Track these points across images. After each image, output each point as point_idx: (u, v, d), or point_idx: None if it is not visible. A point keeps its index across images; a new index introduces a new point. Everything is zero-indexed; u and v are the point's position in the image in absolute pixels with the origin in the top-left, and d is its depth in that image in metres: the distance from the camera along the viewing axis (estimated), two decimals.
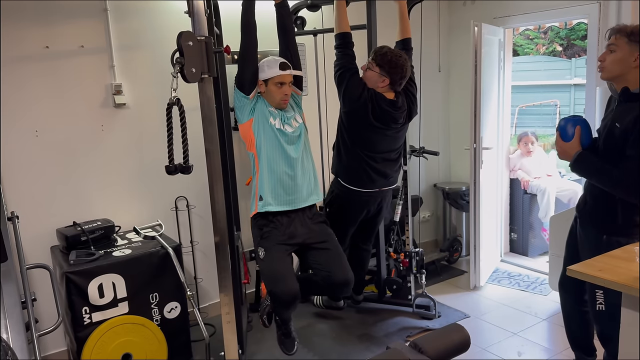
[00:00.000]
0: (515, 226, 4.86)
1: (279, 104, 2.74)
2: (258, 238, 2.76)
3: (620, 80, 2.26)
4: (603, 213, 2.36)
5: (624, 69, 2.23)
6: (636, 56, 2.20)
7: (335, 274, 2.73)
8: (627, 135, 2.18)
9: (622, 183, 2.21)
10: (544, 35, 12.45)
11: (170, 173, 2.02)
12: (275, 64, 2.71)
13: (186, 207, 3.61)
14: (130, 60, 3.34)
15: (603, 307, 2.41)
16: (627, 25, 2.28)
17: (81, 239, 2.99)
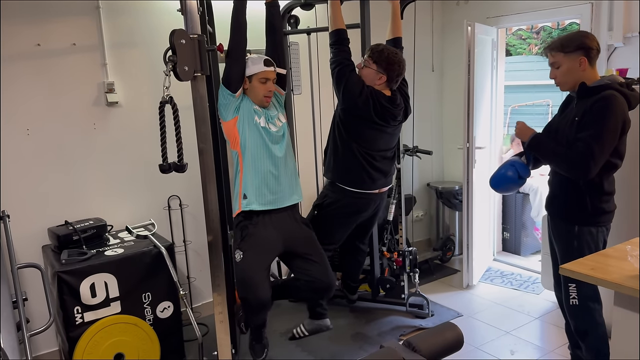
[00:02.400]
0: (508, 225, 4.88)
1: (261, 101, 2.71)
2: (238, 239, 2.72)
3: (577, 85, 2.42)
4: (572, 204, 2.46)
5: (576, 77, 2.39)
6: (579, 61, 2.36)
7: (318, 281, 2.77)
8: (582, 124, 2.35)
9: (571, 161, 2.33)
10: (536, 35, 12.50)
11: (164, 172, 2.01)
12: (260, 60, 2.70)
13: (179, 206, 3.60)
14: (123, 59, 3.32)
15: (577, 301, 2.47)
16: (553, 41, 2.44)
17: (73, 238, 2.97)
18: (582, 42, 2.35)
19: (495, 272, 4.50)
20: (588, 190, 2.40)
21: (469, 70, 3.92)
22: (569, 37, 2.41)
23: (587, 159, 2.28)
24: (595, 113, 2.28)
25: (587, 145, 2.27)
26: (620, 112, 2.29)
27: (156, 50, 3.13)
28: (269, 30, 2.81)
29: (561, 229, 2.53)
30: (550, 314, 3.68)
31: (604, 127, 2.27)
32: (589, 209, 2.42)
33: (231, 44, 2.64)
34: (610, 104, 2.27)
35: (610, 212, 2.49)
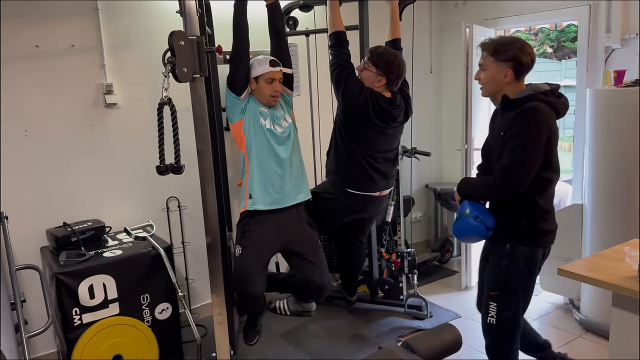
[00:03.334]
0: None
1: (268, 101, 2.76)
2: (239, 235, 2.80)
3: (499, 95, 2.29)
4: (506, 222, 2.30)
5: (498, 87, 2.27)
6: (505, 73, 2.22)
7: (314, 280, 2.82)
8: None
9: (496, 187, 2.20)
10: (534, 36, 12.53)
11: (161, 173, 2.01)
12: (265, 61, 2.74)
13: (177, 207, 3.60)
14: (121, 60, 3.32)
15: (494, 320, 2.35)
16: (491, 41, 2.28)
17: (71, 239, 2.97)
18: (515, 54, 2.20)
19: None
20: (522, 207, 2.25)
21: (467, 72, 3.93)
22: (505, 44, 2.24)
23: (509, 176, 2.15)
24: (517, 126, 2.15)
25: (507, 163, 2.15)
26: (543, 123, 2.14)
27: (155, 51, 3.14)
28: (272, 31, 2.85)
29: (497, 247, 2.36)
30: (549, 315, 3.69)
31: (525, 140, 2.13)
32: (524, 228, 2.26)
33: (234, 48, 2.67)
34: (532, 116, 2.14)
35: (548, 233, 2.32)
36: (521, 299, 2.33)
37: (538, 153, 2.14)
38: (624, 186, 3.11)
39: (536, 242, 2.29)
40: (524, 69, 2.24)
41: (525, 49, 2.22)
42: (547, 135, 2.14)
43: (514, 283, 2.30)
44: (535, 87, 2.25)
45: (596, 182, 3.27)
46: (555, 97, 2.23)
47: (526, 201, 2.23)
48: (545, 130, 2.14)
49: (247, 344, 3.01)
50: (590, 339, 3.31)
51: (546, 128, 2.14)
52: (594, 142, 3.26)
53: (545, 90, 2.23)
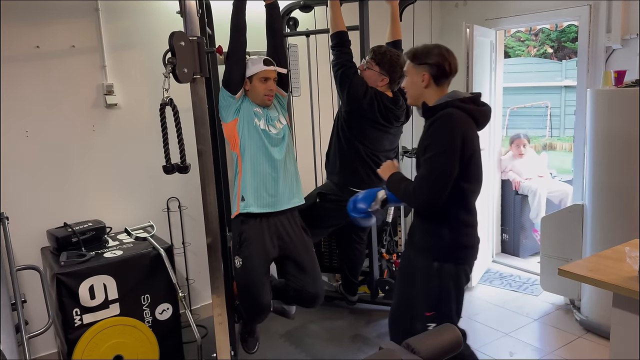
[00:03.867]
0: (507, 227, 4.88)
1: (263, 101, 2.73)
2: (237, 245, 2.76)
3: (420, 102, 2.21)
4: (424, 235, 2.23)
5: (417, 92, 2.19)
6: (422, 77, 2.14)
7: (308, 289, 2.81)
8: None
9: (413, 196, 2.10)
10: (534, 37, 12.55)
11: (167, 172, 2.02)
12: (259, 60, 2.73)
13: (178, 208, 3.60)
14: (122, 61, 3.32)
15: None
16: (412, 49, 2.24)
17: (72, 240, 2.97)
18: (433, 58, 2.13)
19: (494, 273, 4.50)
20: (448, 225, 2.16)
21: (468, 72, 3.93)
22: (424, 49, 2.18)
23: (424, 187, 2.06)
24: (430, 136, 2.08)
25: (422, 174, 2.08)
26: (455, 131, 2.04)
27: (155, 52, 3.13)
28: (269, 31, 2.83)
29: (421, 264, 2.25)
30: (549, 315, 3.69)
31: (438, 151, 2.04)
32: (447, 243, 2.16)
33: (231, 46, 2.66)
34: (444, 124, 2.05)
35: (469, 248, 2.22)
36: (453, 317, 2.23)
37: (452, 163, 2.03)
38: (624, 186, 3.11)
39: (460, 258, 2.19)
40: (443, 74, 2.13)
41: (444, 54, 2.15)
42: (461, 143, 2.03)
43: (448, 301, 2.20)
44: (454, 94, 2.15)
45: (596, 183, 3.27)
46: (475, 105, 2.14)
47: (448, 215, 2.14)
48: (459, 138, 2.03)
49: (248, 352, 2.99)
50: (590, 340, 3.31)
51: (459, 136, 2.03)
52: (594, 142, 3.26)
53: (463, 98, 2.13)
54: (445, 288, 2.18)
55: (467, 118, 2.08)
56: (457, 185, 2.07)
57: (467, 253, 2.21)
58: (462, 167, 2.06)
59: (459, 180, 2.07)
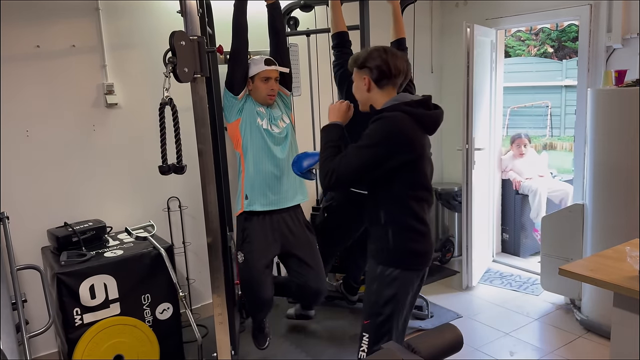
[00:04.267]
0: (507, 226, 4.88)
1: (265, 100, 2.78)
2: (240, 241, 2.83)
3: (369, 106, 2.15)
4: (375, 239, 2.15)
5: (363, 97, 2.14)
6: (364, 80, 2.10)
7: (310, 284, 2.84)
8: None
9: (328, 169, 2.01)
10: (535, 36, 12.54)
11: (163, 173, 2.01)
12: (261, 60, 2.77)
13: (178, 207, 3.60)
14: (122, 60, 3.32)
15: (365, 355, 2.16)
16: (354, 54, 2.19)
17: (72, 239, 2.97)
18: (371, 61, 2.06)
19: (494, 273, 4.50)
20: (390, 226, 2.08)
21: (468, 72, 3.93)
22: (364, 52, 2.11)
23: (337, 167, 1.99)
24: (368, 129, 2.01)
25: (344, 154, 2.01)
26: (391, 132, 1.97)
27: (156, 51, 3.13)
28: (271, 31, 2.85)
29: (370, 266, 2.19)
30: (550, 315, 3.68)
31: (366, 143, 1.97)
32: (391, 248, 2.08)
33: (233, 47, 2.68)
34: (383, 124, 1.98)
35: (420, 255, 2.12)
36: (394, 329, 2.13)
37: (373, 160, 1.96)
38: (625, 186, 3.11)
39: (406, 264, 2.10)
40: (384, 76, 2.06)
41: (383, 56, 2.06)
42: (395, 147, 1.96)
43: (384, 310, 2.10)
44: (401, 97, 2.08)
45: (597, 182, 3.27)
46: (425, 109, 2.08)
47: (392, 220, 2.08)
48: (394, 142, 1.96)
49: (259, 348, 3.06)
50: (591, 339, 3.31)
51: (394, 140, 1.96)
52: (594, 142, 3.26)
53: (411, 101, 2.05)
54: (388, 293, 2.09)
55: (411, 122, 2.01)
56: (399, 190, 2.03)
57: (414, 259, 2.11)
58: (401, 172, 2.01)
59: (399, 184, 2.03)
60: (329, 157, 2.05)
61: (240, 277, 2.86)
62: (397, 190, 2.04)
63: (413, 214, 2.07)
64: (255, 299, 2.80)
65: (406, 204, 2.06)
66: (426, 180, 2.11)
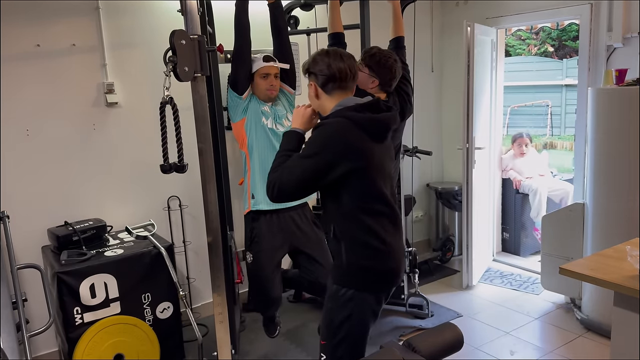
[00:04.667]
0: (508, 226, 4.88)
1: (266, 95, 2.81)
2: (248, 241, 2.87)
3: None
4: (335, 260, 2.03)
5: (315, 104, 2.03)
6: (311, 87, 2.00)
7: (320, 281, 2.86)
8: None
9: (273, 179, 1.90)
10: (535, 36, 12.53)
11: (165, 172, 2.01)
12: (260, 57, 2.81)
13: (179, 206, 3.60)
14: (123, 59, 3.32)
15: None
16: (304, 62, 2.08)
17: (73, 238, 2.97)
18: (315, 66, 1.95)
19: (494, 272, 4.50)
20: (345, 246, 1.94)
21: (469, 71, 3.92)
22: (310, 58, 2.00)
23: (281, 176, 1.87)
24: (308, 139, 1.92)
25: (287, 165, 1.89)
26: (329, 140, 1.85)
27: (156, 50, 3.13)
28: (274, 30, 2.88)
29: (328, 281, 2.07)
30: (550, 314, 3.68)
31: (305, 153, 1.87)
32: (344, 266, 1.94)
33: (235, 46, 2.70)
34: (319, 133, 1.87)
35: (379, 274, 1.96)
36: (351, 353, 1.99)
37: (314, 169, 1.83)
38: (625, 185, 3.11)
39: (361, 284, 1.94)
40: (329, 81, 1.93)
41: (327, 60, 1.93)
42: (333, 156, 1.82)
43: (338, 332, 1.98)
44: (345, 102, 1.94)
45: (597, 181, 3.27)
46: (372, 112, 1.92)
47: (345, 235, 1.93)
48: (330, 150, 1.83)
49: (269, 336, 3.11)
50: (591, 339, 3.31)
51: (331, 148, 1.83)
52: (595, 141, 3.26)
53: (354, 105, 1.91)
54: (342, 315, 1.96)
55: (352, 128, 1.85)
56: (347, 202, 1.89)
57: (369, 280, 1.94)
58: (348, 182, 1.86)
59: (347, 196, 1.88)
60: (275, 167, 1.92)
61: (249, 277, 2.89)
62: (346, 202, 1.89)
63: (366, 228, 1.90)
64: (265, 299, 2.83)
65: (357, 218, 1.90)
66: (380, 192, 1.92)
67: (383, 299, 2.02)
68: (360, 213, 1.90)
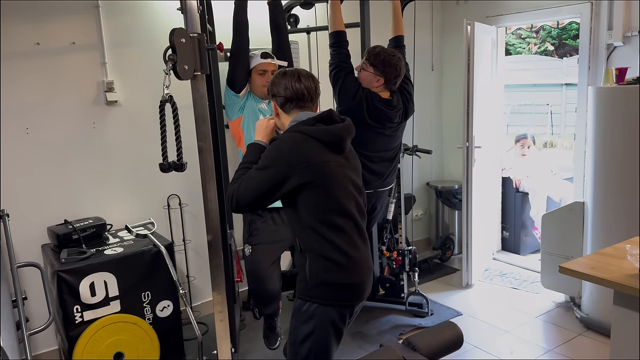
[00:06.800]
0: (507, 224, 4.88)
1: (262, 92, 2.80)
2: (247, 234, 2.83)
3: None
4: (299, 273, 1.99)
5: (279, 122, 2.07)
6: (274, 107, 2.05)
7: None
8: None
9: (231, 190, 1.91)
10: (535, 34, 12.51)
11: (164, 171, 2.01)
12: (258, 54, 2.81)
13: (178, 205, 3.60)
14: (122, 57, 3.32)
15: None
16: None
17: (72, 237, 2.97)
18: (273, 87, 2.00)
19: (494, 271, 4.50)
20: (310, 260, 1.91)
21: (469, 69, 3.92)
22: (273, 79, 2.03)
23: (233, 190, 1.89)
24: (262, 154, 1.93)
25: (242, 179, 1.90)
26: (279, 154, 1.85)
27: (156, 49, 3.13)
28: (273, 29, 2.88)
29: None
30: (550, 313, 3.69)
31: (259, 165, 1.87)
32: (305, 279, 1.92)
33: (233, 45, 2.70)
34: (275, 145, 1.89)
35: (340, 289, 1.89)
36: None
37: (268, 182, 1.83)
38: (625, 184, 3.11)
39: (323, 298, 1.90)
40: (288, 101, 1.97)
41: (285, 81, 1.96)
42: (285, 168, 1.82)
43: (301, 349, 1.95)
44: (299, 117, 1.96)
45: (597, 180, 3.27)
46: (325, 124, 1.92)
47: (306, 247, 1.91)
48: (286, 162, 1.83)
49: (270, 348, 3.02)
50: (591, 337, 3.31)
51: (283, 162, 1.83)
52: (595, 140, 3.26)
53: (307, 119, 1.93)
54: (304, 331, 1.92)
55: (306, 140, 1.86)
56: (304, 214, 1.88)
57: (332, 294, 1.90)
58: (303, 195, 1.85)
59: (303, 208, 1.87)
60: (234, 179, 1.94)
61: (247, 270, 2.83)
62: (304, 215, 1.88)
63: (326, 242, 1.87)
64: (263, 292, 2.78)
65: (317, 231, 1.87)
66: (340, 205, 1.89)
67: (347, 316, 1.95)
68: (320, 226, 1.87)
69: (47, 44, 3.06)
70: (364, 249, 1.98)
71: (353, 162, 2.03)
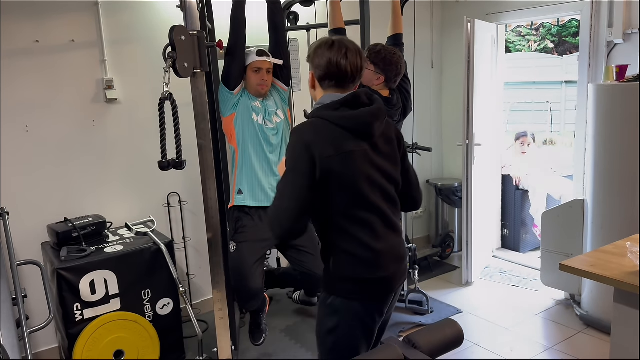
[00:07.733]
0: (507, 222, 4.88)
1: (256, 90, 2.81)
2: (232, 231, 2.85)
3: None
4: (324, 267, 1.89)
5: (311, 94, 1.92)
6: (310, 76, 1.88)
7: (315, 271, 2.84)
8: None
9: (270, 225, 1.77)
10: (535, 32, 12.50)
11: (163, 169, 2.01)
12: (253, 51, 2.80)
13: (178, 203, 3.60)
14: (122, 55, 3.31)
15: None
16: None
17: (72, 235, 2.97)
18: (314, 57, 1.82)
19: (494, 269, 4.50)
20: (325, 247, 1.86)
21: (469, 67, 3.92)
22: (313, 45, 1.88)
23: (276, 216, 1.72)
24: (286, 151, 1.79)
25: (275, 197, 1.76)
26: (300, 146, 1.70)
27: (155, 46, 3.13)
28: (271, 27, 2.87)
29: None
30: (549, 311, 3.69)
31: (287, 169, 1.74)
32: (329, 273, 1.84)
33: (230, 42, 2.69)
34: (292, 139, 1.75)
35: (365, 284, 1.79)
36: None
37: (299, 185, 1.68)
38: (625, 182, 3.10)
39: (347, 292, 1.81)
40: (327, 75, 1.78)
41: (329, 54, 1.77)
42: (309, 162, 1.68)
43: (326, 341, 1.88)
44: (326, 98, 1.79)
45: (598, 178, 3.27)
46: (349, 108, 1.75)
47: (329, 242, 1.83)
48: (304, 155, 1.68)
49: (254, 344, 3.04)
50: (591, 335, 3.31)
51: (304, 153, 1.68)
52: (595, 138, 3.26)
53: (331, 102, 1.76)
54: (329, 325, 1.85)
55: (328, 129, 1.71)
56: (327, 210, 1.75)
57: (357, 288, 1.80)
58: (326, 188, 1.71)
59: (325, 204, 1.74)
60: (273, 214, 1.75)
61: (230, 267, 2.80)
62: (326, 210, 1.76)
63: (349, 236, 1.77)
64: (244, 289, 2.76)
65: (339, 226, 1.77)
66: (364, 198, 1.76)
67: (375, 310, 1.84)
68: (342, 220, 1.76)
69: (46, 41, 3.05)
70: (393, 238, 1.84)
71: (385, 147, 1.83)
